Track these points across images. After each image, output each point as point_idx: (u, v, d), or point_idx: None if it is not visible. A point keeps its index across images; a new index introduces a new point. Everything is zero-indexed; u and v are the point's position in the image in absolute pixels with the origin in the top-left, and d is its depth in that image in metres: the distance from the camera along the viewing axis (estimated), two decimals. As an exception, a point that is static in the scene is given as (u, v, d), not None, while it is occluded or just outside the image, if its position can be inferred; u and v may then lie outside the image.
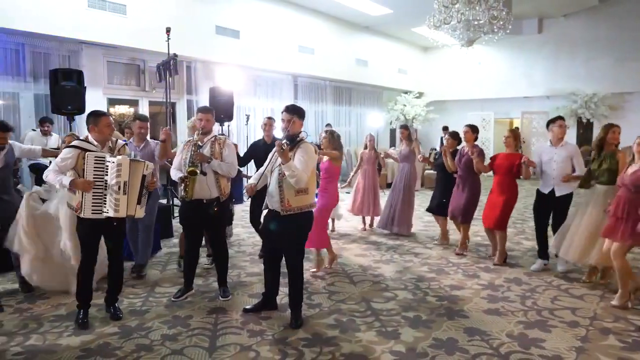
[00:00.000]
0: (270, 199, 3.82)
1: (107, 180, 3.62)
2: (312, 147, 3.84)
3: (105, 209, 3.64)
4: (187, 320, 3.89)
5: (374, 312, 4.09)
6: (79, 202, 3.65)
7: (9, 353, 3.32)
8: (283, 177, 3.69)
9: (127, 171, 3.62)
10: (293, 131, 3.80)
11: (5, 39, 7.19)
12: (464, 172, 5.89)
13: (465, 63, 15.66)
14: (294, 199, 3.73)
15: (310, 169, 3.81)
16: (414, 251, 6.16)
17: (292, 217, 3.75)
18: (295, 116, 3.81)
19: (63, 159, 3.69)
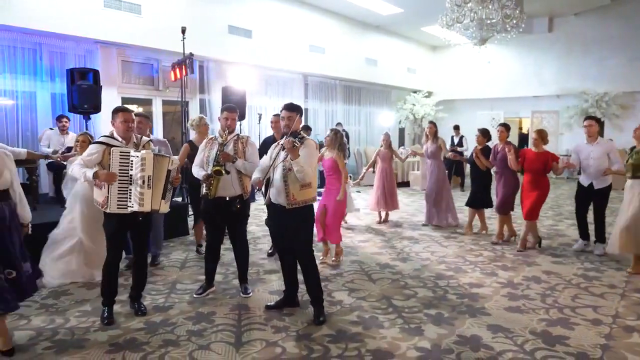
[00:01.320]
0: (275, 193, 3.87)
1: (132, 175, 3.66)
2: (313, 143, 3.94)
3: (130, 204, 3.67)
4: (211, 316, 3.92)
5: (395, 309, 4.11)
6: (105, 197, 3.68)
7: (39, 347, 3.36)
8: (288, 172, 3.75)
9: (151, 165, 3.65)
10: (294, 128, 3.86)
11: (23, 39, 7.27)
12: (499, 168, 6.33)
13: (475, 62, 15.63)
14: (298, 192, 3.80)
15: (313, 164, 3.94)
16: (430, 249, 6.18)
17: (297, 210, 3.81)
18: (293, 113, 3.89)
19: (89, 154, 3.73)
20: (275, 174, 3.82)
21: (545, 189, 5.92)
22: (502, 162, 6.22)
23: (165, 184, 3.78)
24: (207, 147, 4.38)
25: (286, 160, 3.76)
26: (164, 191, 3.78)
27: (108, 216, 3.75)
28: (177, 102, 9.44)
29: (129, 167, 3.66)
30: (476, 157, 6.49)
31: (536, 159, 5.85)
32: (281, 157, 3.77)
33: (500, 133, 6.43)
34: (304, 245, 3.87)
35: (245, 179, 4.33)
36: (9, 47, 7.21)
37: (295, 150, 3.61)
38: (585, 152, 5.77)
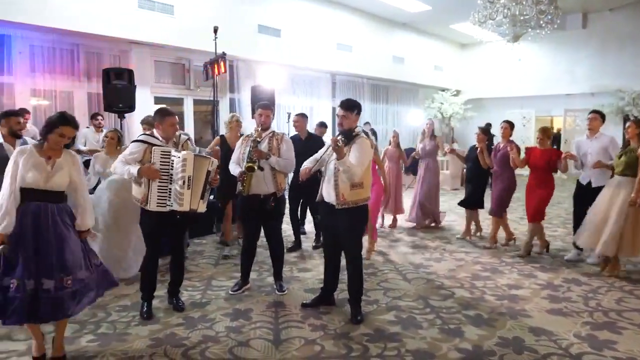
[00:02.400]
0: (326, 191, 3.83)
1: (172, 175, 3.70)
2: (367, 142, 3.82)
3: (169, 202, 3.70)
4: (248, 313, 3.94)
5: (433, 309, 4.05)
6: (145, 194, 3.71)
7: (83, 340, 3.43)
8: (338, 171, 3.70)
9: (191, 166, 3.66)
10: (348, 126, 3.78)
11: (62, 40, 7.44)
12: (499, 167, 6.03)
13: (505, 60, 15.35)
14: (348, 193, 3.73)
15: (365, 164, 3.79)
16: (464, 250, 6.08)
17: (347, 210, 3.75)
18: (349, 112, 3.78)
19: (131, 152, 3.76)
20: (327, 171, 3.80)
21: (550, 188, 5.63)
22: (502, 161, 5.94)
23: (204, 185, 3.79)
24: (243, 145, 4.40)
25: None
26: (202, 191, 3.80)
27: (147, 213, 3.79)
28: (208, 102, 9.56)
29: (170, 166, 3.69)
30: (480, 152, 6.12)
31: (540, 156, 5.59)
32: (333, 154, 3.71)
33: (503, 130, 6.09)
34: (353, 246, 3.85)
35: (279, 176, 4.33)
36: (48, 49, 7.40)
37: (341, 150, 3.50)
38: (585, 147, 5.45)
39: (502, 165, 5.97)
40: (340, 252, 4.03)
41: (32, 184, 2.96)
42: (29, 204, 2.96)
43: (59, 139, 3.03)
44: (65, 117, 3.07)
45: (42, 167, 2.99)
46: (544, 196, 5.59)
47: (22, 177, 2.94)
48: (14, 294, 2.86)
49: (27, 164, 2.95)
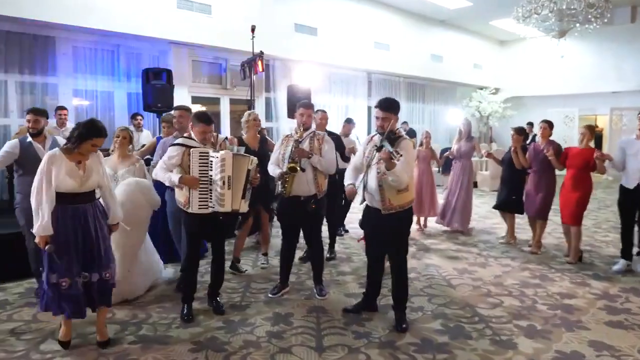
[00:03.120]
0: (370, 196, 3.68)
1: (212, 176, 3.63)
2: (411, 144, 3.65)
3: (211, 204, 3.65)
4: (288, 317, 3.84)
5: (482, 318, 3.86)
6: (187, 197, 3.68)
7: (125, 341, 3.40)
8: (383, 175, 3.53)
9: (230, 166, 3.60)
10: (389, 128, 3.55)
11: (103, 41, 7.56)
12: (539, 169, 5.79)
13: (546, 56, 14.84)
14: (395, 197, 3.57)
15: (411, 168, 3.65)
16: (509, 255, 5.82)
17: (394, 215, 3.60)
18: (389, 112, 3.57)
19: (170, 157, 3.72)
20: (370, 176, 3.61)
21: (588, 188, 5.39)
22: (544, 163, 5.70)
23: (245, 184, 3.72)
24: (283, 145, 4.31)
25: (381, 163, 3.49)
26: (243, 191, 3.73)
27: (189, 215, 3.73)
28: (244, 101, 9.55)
29: (209, 167, 3.63)
30: (514, 152, 5.93)
31: (579, 154, 5.36)
32: (376, 157, 3.54)
33: (542, 130, 5.86)
34: (399, 251, 3.70)
35: (320, 177, 4.22)
36: (90, 50, 7.53)
37: (393, 162, 3.28)
38: (635, 148, 5.00)
39: (544, 166, 5.74)
40: (384, 257, 3.89)
41: (68, 189, 3.09)
42: (66, 207, 3.09)
43: (91, 148, 3.14)
44: (97, 128, 3.13)
45: (75, 172, 3.11)
46: (581, 199, 5.35)
47: (58, 184, 3.04)
48: (68, 292, 3.08)
49: (61, 172, 3.05)
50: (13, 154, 4.17)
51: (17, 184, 4.31)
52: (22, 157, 4.17)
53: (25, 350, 3.27)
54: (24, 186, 4.15)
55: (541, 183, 5.80)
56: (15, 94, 6.91)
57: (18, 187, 4.30)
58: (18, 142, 4.22)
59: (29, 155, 4.17)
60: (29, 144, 4.22)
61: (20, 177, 4.25)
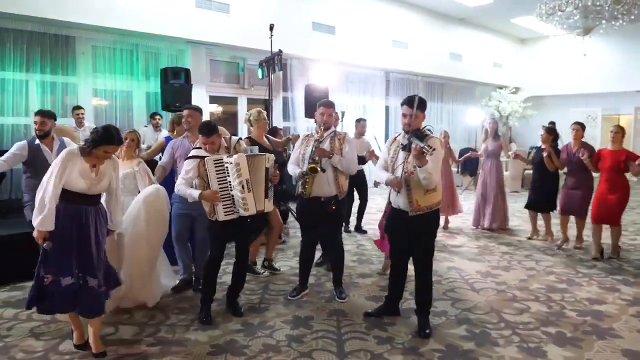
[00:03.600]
0: (395, 197, 3.59)
1: (230, 182, 3.58)
2: (439, 142, 3.55)
3: (236, 210, 3.60)
4: (308, 321, 3.76)
5: (508, 324, 3.73)
6: (211, 207, 3.64)
7: (143, 343, 3.36)
8: (410, 175, 3.43)
9: (246, 169, 3.54)
10: (416, 126, 3.48)
11: (122, 40, 7.58)
12: (576, 170, 5.79)
13: (567, 55, 14.52)
14: (422, 198, 3.47)
15: (439, 166, 3.56)
16: (533, 258, 5.66)
17: (421, 217, 3.49)
18: (417, 110, 3.47)
19: (186, 171, 3.69)
20: (396, 175, 3.52)
21: (625, 188, 5.37)
22: (580, 165, 5.67)
23: (266, 183, 3.66)
24: (302, 144, 4.23)
25: (407, 162, 3.40)
26: (265, 190, 3.67)
27: (216, 221, 3.67)
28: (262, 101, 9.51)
29: (226, 173, 3.58)
30: (547, 156, 5.89)
31: (610, 156, 5.36)
32: (401, 157, 3.45)
33: (575, 132, 5.87)
34: (425, 253, 3.59)
35: (341, 178, 4.14)
36: (109, 49, 7.55)
37: (424, 158, 3.21)
38: None
39: (580, 169, 5.74)
40: (407, 260, 3.78)
41: (76, 189, 3.03)
42: (68, 205, 3.02)
43: (103, 154, 3.09)
44: (110, 136, 3.07)
45: (87, 174, 3.05)
46: (620, 199, 5.34)
47: (68, 182, 2.99)
48: (51, 287, 2.99)
49: (74, 170, 3.00)
50: (21, 156, 4.15)
51: (25, 185, 4.30)
52: (30, 159, 4.16)
53: (44, 351, 3.24)
54: (32, 187, 4.08)
55: (578, 183, 5.81)
56: (36, 94, 6.95)
57: (26, 187, 4.29)
58: (26, 144, 4.21)
59: (37, 157, 4.15)
60: (37, 146, 4.20)
61: (28, 178, 4.24)
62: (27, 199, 4.24)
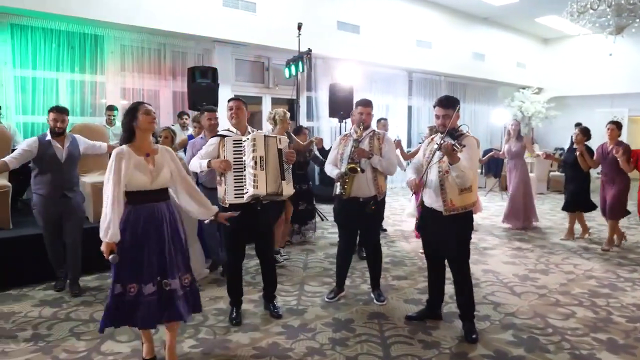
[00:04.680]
0: (429, 197, 3.49)
1: (245, 161, 3.49)
2: (474, 141, 3.47)
3: (245, 190, 3.45)
4: (349, 324, 3.68)
5: (555, 330, 3.61)
6: (224, 189, 3.52)
7: (185, 345, 3.32)
8: (445, 174, 3.35)
9: (262, 145, 3.46)
10: (451, 126, 3.36)
11: (150, 40, 7.58)
12: (610, 170, 5.83)
13: (592, 54, 14.26)
14: (457, 198, 3.37)
15: (476, 166, 3.48)
16: (571, 261, 5.51)
17: (456, 217, 3.39)
18: (450, 109, 3.37)
19: (207, 147, 3.66)
20: (430, 175, 3.43)
21: None
22: (614, 165, 5.71)
23: (281, 164, 3.56)
24: (340, 144, 4.16)
25: (442, 161, 3.33)
26: (281, 172, 3.55)
27: (226, 210, 3.51)
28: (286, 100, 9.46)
29: (243, 154, 3.50)
30: (580, 155, 5.94)
31: None
32: (437, 156, 3.38)
33: (610, 131, 5.89)
34: (461, 255, 3.49)
35: (380, 178, 4.05)
36: (137, 48, 7.56)
37: (455, 155, 3.14)
38: None
39: (615, 169, 5.76)
40: (443, 262, 3.68)
41: (139, 186, 2.81)
42: (138, 207, 2.82)
43: (146, 125, 2.84)
44: (139, 103, 2.92)
45: (145, 166, 2.83)
46: None
47: (128, 181, 2.77)
48: (135, 299, 2.78)
49: (130, 166, 2.76)
50: (30, 153, 3.98)
51: (34, 184, 4.12)
52: (40, 156, 4.01)
53: (87, 351, 3.21)
54: (40, 186, 4.04)
55: (613, 185, 5.83)
56: (66, 93, 6.98)
57: (34, 186, 4.12)
58: (37, 140, 4.03)
59: (47, 155, 4.01)
60: (48, 142, 4.04)
61: (37, 176, 4.09)
62: (35, 201, 4.12)
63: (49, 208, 4.12)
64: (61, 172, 4.11)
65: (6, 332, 3.48)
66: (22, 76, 6.57)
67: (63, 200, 4.14)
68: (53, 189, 4.09)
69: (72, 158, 4.20)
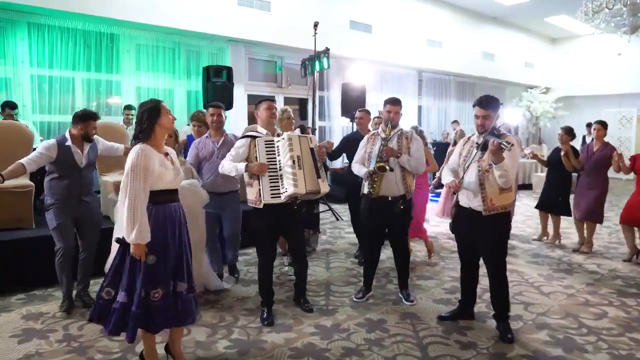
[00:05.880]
0: (467, 197, 3.46)
1: (280, 160, 3.50)
2: (516, 141, 3.44)
3: (283, 189, 3.46)
4: (382, 324, 3.65)
5: (590, 330, 3.58)
6: (257, 191, 3.52)
7: (220, 345, 3.28)
8: (485, 173, 3.32)
9: (298, 145, 3.51)
10: (490, 126, 3.34)
11: (165, 39, 7.55)
12: (593, 171, 5.73)
13: (600, 54, 14.25)
14: (498, 197, 3.34)
15: (516, 165, 3.43)
16: (593, 261, 5.49)
17: (495, 217, 3.36)
18: (489, 110, 3.35)
19: (236, 148, 3.64)
20: (468, 174, 3.39)
21: None
22: (597, 165, 5.67)
23: (315, 162, 3.59)
24: (368, 143, 4.13)
25: (482, 160, 3.30)
26: (316, 170, 3.58)
27: (260, 213, 3.56)
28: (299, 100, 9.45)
29: (276, 154, 3.52)
30: (564, 156, 5.81)
31: None
32: (475, 155, 3.34)
33: (596, 132, 5.80)
34: (498, 255, 3.45)
35: (409, 177, 4.02)
36: (152, 47, 7.52)
37: (501, 154, 3.09)
38: None
39: (598, 169, 5.71)
40: (478, 262, 3.65)
41: (164, 185, 2.76)
42: (158, 207, 2.75)
43: (168, 117, 2.80)
44: (157, 101, 2.86)
45: (168, 165, 2.79)
46: None
47: (154, 180, 2.69)
48: (161, 302, 2.72)
49: (155, 164, 2.70)
50: (49, 157, 3.76)
51: (48, 187, 3.90)
52: (59, 160, 3.79)
53: (121, 352, 3.19)
54: (56, 190, 3.83)
55: (593, 185, 5.74)
56: (82, 92, 6.95)
57: (49, 190, 3.89)
58: (56, 144, 3.80)
59: (66, 159, 3.81)
60: (68, 147, 3.82)
61: (52, 180, 3.86)
62: (50, 202, 3.87)
63: (65, 212, 3.87)
64: (80, 177, 3.91)
65: (37, 333, 3.45)
66: (38, 75, 6.54)
67: (80, 205, 3.93)
68: (70, 194, 3.88)
69: (91, 163, 4.04)
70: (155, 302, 2.70)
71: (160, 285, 2.72)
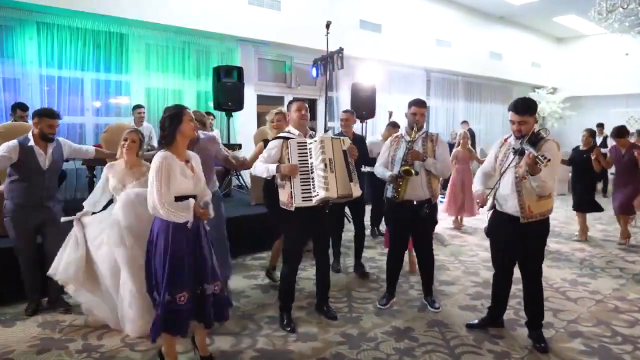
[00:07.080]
0: (503, 203, 3.33)
1: (312, 163, 3.40)
2: (555, 146, 3.26)
3: (314, 193, 3.37)
4: (409, 332, 3.54)
5: (625, 338, 3.48)
6: (289, 193, 3.42)
7: (246, 355, 3.18)
8: (522, 180, 3.19)
9: (330, 148, 3.42)
10: (527, 131, 3.16)
11: (174, 38, 7.44)
12: (625, 170, 6.08)
13: (607, 54, 14.15)
14: (535, 204, 3.21)
15: (556, 173, 3.31)
16: (615, 265, 5.38)
17: (533, 224, 3.24)
18: (527, 115, 3.16)
19: (269, 149, 3.57)
20: (504, 180, 3.27)
21: None
22: (629, 165, 6.00)
23: (347, 165, 3.50)
24: (392, 145, 4.03)
25: (519, 167, 3.17)
26: (349, 173, 3.49)
27: (291, 217, 3.47)
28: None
29: (308, 156, 3.43)
30: (595, 158, 6.14)
31: None
32: (512, 161, 3.21)
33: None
34: (536, 263, 3.35)
35: (434, 181, 3.92)
36: (162, 47, 7.41)
37: (538, 168, 2.95)
38: None
39: (629, 168, 6.03)
40: (513, 269, 3.54)
41: (185, 192, 2.77)
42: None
43: (190, 125, 2.81)
44: (181, 106, 2.91)
45: (188, 173, 2.81)
46: None
47: (176, 187, 2.72)
48: (185, 306, 2.75)
49: (176, 171, 2.73)
50: (9, 158, 3.55)
51: (8, 191, 3.68)
52: (21, 161, 3.60)
53: (145, 362, 3.08)
54: (17, 193, 3.64)
55: (627, 183, 6.04)
56: (91, 92, 6.83)
57: (8, 194, 3.67)
58: (17, 145, 3.59)
59: (28, 160, 3.61)
60: (30, 148, 3.62)
61: (13, 183, 3.66)
62: (10, 208, 3.66)
63: (26, 218, 3.68)
64: (42, 180, 3.70)
65: (56, 343, 3.34)
66: (47, 75, 6.41)
67: (42, 210, 3.72)
68: (31, 198, 3.67)
69: (55, 165, 3.81)
70: (181, 306, 2.73)
71: (186, 289, 2.75)
